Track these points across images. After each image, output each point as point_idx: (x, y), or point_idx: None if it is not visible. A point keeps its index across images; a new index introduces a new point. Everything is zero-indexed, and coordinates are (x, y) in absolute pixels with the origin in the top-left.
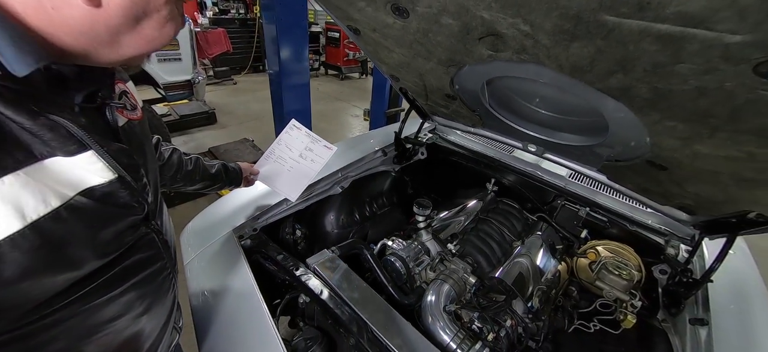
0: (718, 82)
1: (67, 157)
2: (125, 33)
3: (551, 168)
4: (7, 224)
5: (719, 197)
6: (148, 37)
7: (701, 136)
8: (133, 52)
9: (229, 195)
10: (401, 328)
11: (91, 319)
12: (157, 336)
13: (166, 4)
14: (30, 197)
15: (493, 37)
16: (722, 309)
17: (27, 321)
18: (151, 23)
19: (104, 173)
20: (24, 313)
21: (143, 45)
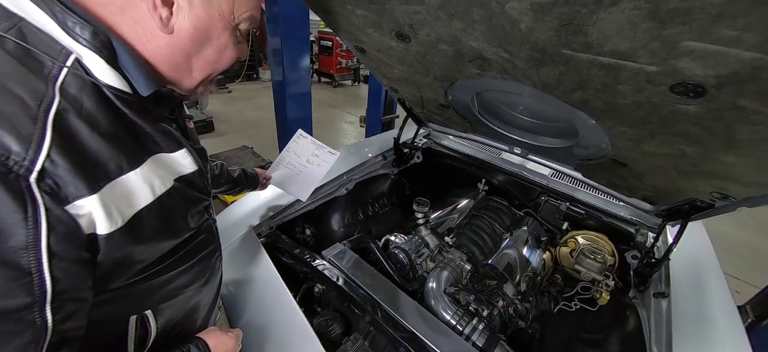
0: (648, 98)
1: (170, 153)
2: (194, 56)
3: (535, 168)
4: (146, 197)
5: (670, 188)
6: (210, 60)
7: (645, 138)
8: (201, 75)
9: (243, 199)
10: (409, 306)
11: (172, 283)
12: (208, 309)
13: (224, 32)
14: (156, 178)
15: (480, 60)
16: (680, 283)
17: (137, 278)
18: (212, 48)
19: (191, 165)
20: (139, 270)
21: (207, 67)
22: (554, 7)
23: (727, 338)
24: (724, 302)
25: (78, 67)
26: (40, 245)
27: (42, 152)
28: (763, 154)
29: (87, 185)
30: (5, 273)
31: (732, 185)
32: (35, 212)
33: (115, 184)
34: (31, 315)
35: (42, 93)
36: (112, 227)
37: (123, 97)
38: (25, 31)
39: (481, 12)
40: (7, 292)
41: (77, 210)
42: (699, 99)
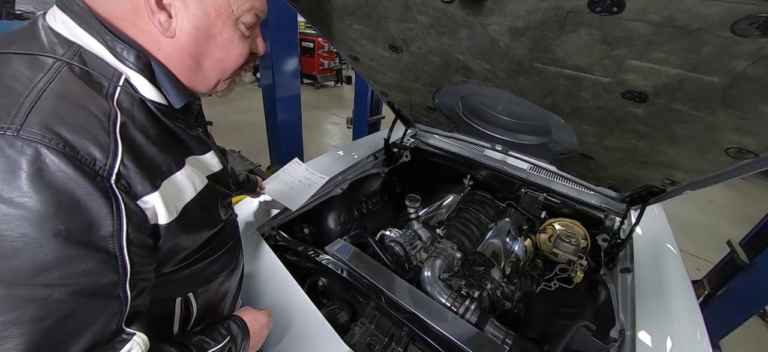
0: (604, 103)
1: (201, 155)
2: (201, 57)
3: (515, 163)
4: (190, 192)
5: (629, 176)
6: (218, 58)
7: (605, 135)
8: (215, 75)
9: (240, 204)
10: (410, 292)
11: (207, 270)
12: (234, 295)
13: (226, 28)
14: (195, 176)
15: (465, 70)
16: (642, 259)
17: (182, 264)
18: (217, 46)
19: (218, 164)
20: (184, 257)
21: (217, 66)
22: (527, 31)
23: (681, 305)
24: (679, 275)
25: (128, 86)
26: (121, 233)
27: (118, 158)
28: (696, 146)
29: (150, 184)
30: (98, 256)
31: (677, 172)
32: (118, 207)
33: (169, 182)
34: (117, 290)
35: (108, 109)
36: (170, 217)
37: (162, 110)
38: (85, 56)
39: (467, 31)
40: (100, 271)
41: (145, 205)
42: (643, 103)
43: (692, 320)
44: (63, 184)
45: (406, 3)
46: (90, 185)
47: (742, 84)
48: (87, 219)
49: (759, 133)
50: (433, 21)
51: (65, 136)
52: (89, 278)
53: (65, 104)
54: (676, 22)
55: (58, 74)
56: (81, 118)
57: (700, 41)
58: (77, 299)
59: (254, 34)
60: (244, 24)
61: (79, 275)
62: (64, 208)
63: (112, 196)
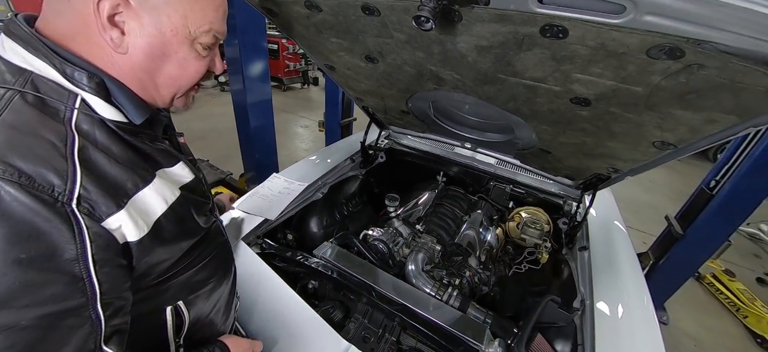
0: (557, 107)
1: (170, 167)
2: (155, 73)
3: (483, 159)
4: (160, 206)
5: (581, 166)
6: (172, 76)
7: (559, 133)
8: (168, 91)
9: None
10: (398, 285)
11: (195, 277)
12: (228, 299)
13: (182, 47)
14: (165, 189)
15: (437, 78)
16: (596, 237)
17: (167, 275)
18: (172, 64)
19: (189, 174)
20: (167, 268)
21: (171, 83)
22: (491, 49)
23: (629, 275)
24: (627, 249)
25: (85, 107)
26: (86, 256)
27: (77, 182)
28: (630, 140)
29: (115, 203)
30: (63, 280)
31: (618, 161)
32: (80, 230)
33: (135, 199)
34: (87, 312)
35: (64, 134)
36: (140, 234)
37: (123, 127)
38: (37, 83)
39: (439, 47)
40: (67, 295)
41: (111, 225)
42: (587, 107)
43: (638, 288)
44: (20, 214)
45: (383, 21)
46: (49, 211)
47: (658, 93)
48: (49, 245)
49: (675, 129)
50: (408, 38)
51: (20, 167)
52: (56, 303)
53: (18, 134)
54: (607, 47)
55: (10, 104)
56: (35, 147)
57: (625, 61)
58: (46, 323)
59: (212, 54)
60: (201, 44)
61: (45, 301)
62: (24, 237)
63: (74, 220)
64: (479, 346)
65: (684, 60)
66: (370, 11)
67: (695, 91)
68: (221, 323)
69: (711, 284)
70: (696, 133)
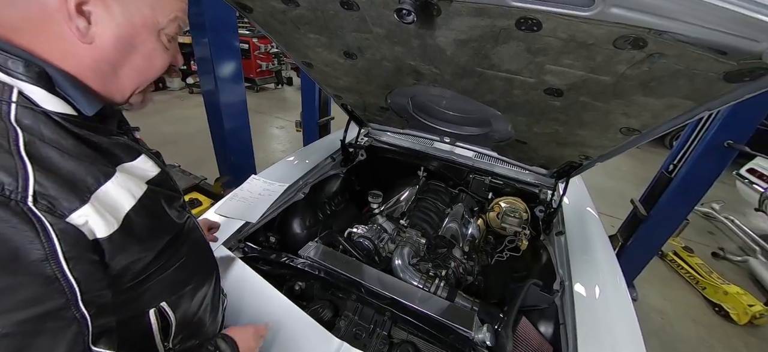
0: (532, 98)
1: (132, 162)
2: (120, 66)
3: (462, 152)
4: (128, 201)
5: (555, 155)
6: (138, 68)
7: (534, 123)
8: (131, 84)
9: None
10: (385, 280)
11: (175, 277)
12: (213, 297)
13: (149, 38)
14: (131, 184)
15: (416, 73)
16: (570, 222)
17: (146, 275)
18: (139, 56)
19: (154, 168)
20: (145, 267)
21: (136, 76)
22: (469, 42)
23: (603, 257)
24: (599, 232)
25: (23, 99)
26: (57, 254)
27: (30, 179)
28: (599, 128)
29: (77, 198)
30: (36, 282)
31: (588, 149)
32: (43, 227)
33: (98, 194)
34: (71, 313)
35: (5, 129)
36: (110, 229)
37: (72, 120)
38: None
39: (418, 41)
40: (44, 296)
41: (77, 221)
42: (560, 97)
43: (612, 268)
44: None
45: (363, 16)
46: (4, 212)
47: (624, 82)
48: (11, 248)
49: (639, 116)
50: (388, 33)
51: None
52: (34, 306)
53: None
54: (577, 39)
55: None
56: None
57: (594, 52)
58: (28, 328)
59: (173, 47)
60: (166, 36)
61: (21, 305)
62: None
63: (34, 218)
64: (469, 333)
65: (647, 49)
66: (349, 6)
67: (657, 79)
68: (211, 321)
69: (672, 261)
70: (658, 118)
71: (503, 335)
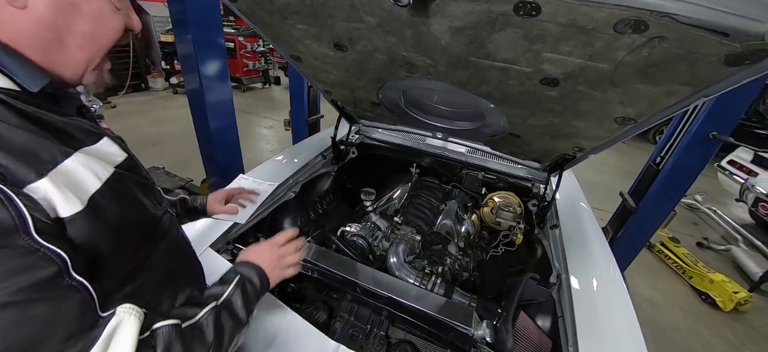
0: (527, 88)
1: (93, 145)
2: (65, 32)
3: (454, 148)
4: (93, 182)
5: (549, 148)
6: (87, 34)
7: (529, 115)
8: (82, 55)
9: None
10: (381, 279)
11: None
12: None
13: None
14: (95, 164)
15: (409, 65)
16: (564, 215)
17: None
18: (85, 19)
19: (120, 153)
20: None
21: (86, 44)
22: (465, 30)
23: (598, 249)
24: (593, 225)
25: None
26: (27, 225)
27: None
28: (595, 118)
29: (32, 171)
30: (16, 252)
31: (583, 141)
32: (7, 196)
33: (58, 170)
34: (67, 281)
35: None
36: (73, 209)
37: (17, 96)
38: None
39: (411, 30)
40: (30, 266)
41: (34, 193)
42: (556, 87)
43: (607, 259)
44: None
45: (353, 4)
46: None
47: (622, 68)
48: None
49: (635, 104)
50: (380, 21)
51: None
52: (21, 275)
53: None
54: (577, 23)
55: None
56: None
57: (593, 37)
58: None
59: (126, 7)
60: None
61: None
62: None
63: None
64: (468, 330)
65: (647, 33)
66: None
67: (656, 65)
68: None
69: (660, 251)
70: (654, 106)
71: (503, 331)
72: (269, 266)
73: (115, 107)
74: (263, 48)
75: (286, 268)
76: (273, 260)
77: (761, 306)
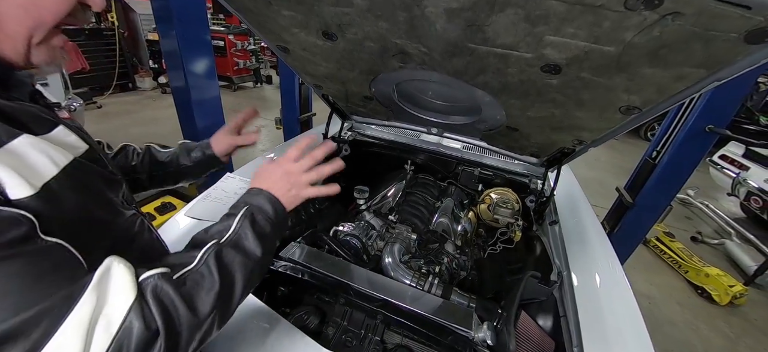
0: (528, 77)
1: (47, 133)
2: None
3: (449, 144)
4: (48, 168)
5: (547, 142)
6: (21, 3)
7: (528, 107)
8: (23, 31)
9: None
10: (376, 280)
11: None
12: None
13: None
14: (51, 150)
15: (402, 54)
16: (563, 211)
17: None
18: None
19: (79, 142)
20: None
21: (23, 17)
22: (461, 13)
23: (598, 244)
24: (592, 220)
25: None
26: None
27: None
28: (597, 108)
29: None
30: None
31: (584, 132)
32: None
33: (7, 148)
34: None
35: None
36: (25, 192)
37: None
38: None
39: (404, 14)
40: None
41: None
42: (558, 75)
43: (609, 255)
44: None
45: None
46: None
47: (630, 51)
48: None
49: (642, 91)
50: (371, 4)
51: None
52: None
53: None
54: (584, 1)
55: None
56: None
57: (601, 16)
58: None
59: None
60: None
61: None
62: None
63: None
64: (468, 332)
65: (661, 9)
66: None
67: (668, 46)
68: None
69: (655, 246)
70: (662, 92)
71: (504, 333)
72: (281, 190)
73: (101, 108)
74: (254, 46)
75: (304, 188)
76: (282, 180)
77: (756, 299)
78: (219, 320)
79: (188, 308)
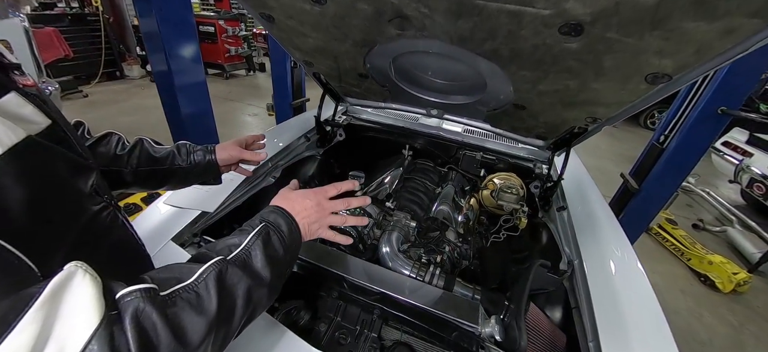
0: (543, 40)
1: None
2: None
3: (450, 127)
4: None
5: (557, 121)
6: None
7: (541, 79)
8: None
9: (147, 211)
10: (372, 271)
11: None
12: None
13: None
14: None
15: (400, 18)
16: (572, 196)
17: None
18: None
19: (37, 116)
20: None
21: None
22: None
23: (610, 229)
24: (601, 204)
25: None
26: None
27: None
28: (620, 77)
29: None
30: None
31: (600, 108)
32: None
33: None
34: None
35: None
36: None
37: None
38: None
39: None
40: None
41: None
42: (578, 37)
43: (622, 243)
44: None
45: None
46: None
47: (670, 2)
48: None
49: (677, 53)
50: None
51: None
52: None
53: None
54: None
55: None
56: None
57: None
58: None
59: None
60: None
61: None
62: None
63: None
64: (474, 327)
65: None
66: None
67: None
68: None
69: (658, 234)
70: (702, 53)
71: (514, 327)
72: (304, 215)
73: (87, 97)
74: (246, 32)
75: (325, 227)
76: (311, 210)
77: (759, 287)
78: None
79: (173, 335)
